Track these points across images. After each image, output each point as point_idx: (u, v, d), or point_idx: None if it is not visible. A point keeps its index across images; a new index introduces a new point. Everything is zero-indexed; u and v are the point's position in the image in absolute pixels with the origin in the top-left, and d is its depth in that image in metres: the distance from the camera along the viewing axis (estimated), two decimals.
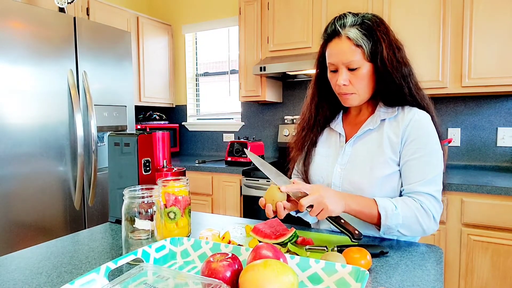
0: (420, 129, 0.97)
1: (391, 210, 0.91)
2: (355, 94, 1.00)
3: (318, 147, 1.13)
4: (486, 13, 1.99)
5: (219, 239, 0.91)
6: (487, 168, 2.32)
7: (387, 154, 0.99)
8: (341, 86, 0.98)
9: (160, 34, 3.28)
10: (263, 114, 3.14)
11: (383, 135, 1.01)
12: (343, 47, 0.96)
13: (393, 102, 1.02)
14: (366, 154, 1.02)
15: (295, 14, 2.54)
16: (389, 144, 1.00)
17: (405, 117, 0.99)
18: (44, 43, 1.94)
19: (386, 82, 0.98)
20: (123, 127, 2.45)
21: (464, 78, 2.06)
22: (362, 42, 0.95)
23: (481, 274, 1.83)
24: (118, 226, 1.13)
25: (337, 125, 1.11)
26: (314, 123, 1.12)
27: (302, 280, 0.69)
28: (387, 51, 0.95)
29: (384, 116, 1.02)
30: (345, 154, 1.06)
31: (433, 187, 0.95)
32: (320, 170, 1.09)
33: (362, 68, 0.97)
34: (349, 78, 0.98)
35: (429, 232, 0.96)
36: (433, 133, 0.99)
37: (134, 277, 0.60)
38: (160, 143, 1.22)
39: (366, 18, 0.98)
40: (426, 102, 1.02)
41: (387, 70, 0.96)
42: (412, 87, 1.00)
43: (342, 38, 0.96)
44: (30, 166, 1.89)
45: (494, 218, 1.78)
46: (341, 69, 0.98)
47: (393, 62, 0.96)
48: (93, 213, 2.21)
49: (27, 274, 0.78)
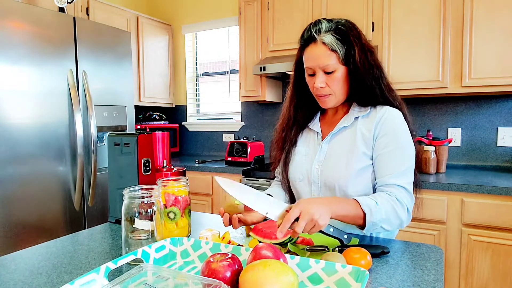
0: (391, 124, 1.03)
1: (374, 206, 0.94)
2: (332, 96, 1.06)
3: (298, 146, 1.18)
4: (486, 13, 1.99)
5: (219, 239, 0.91)
6: (488, 168, 2.32)
7: (361, 148, 1.04)
8: (318, 88, 1.04)
9: (160, 34, 3.28)
10: (263, 114, 3.14)
11: (356, 131, 1.07)
12: (319, 52, 1.01)
13: (366, 102, 1.08)
14: (341, 150, 1.07)
15: (295, 14, 2.54)
16: (362, 139, 1.05)
17: (377, 113, 1.06)
18: (44, 43, 1.94)
19: (359, 83, 1.04)
20: (123, 127, 2.44)
21: (464, 78, 2.06)
22: (336, 47, 1.00)
23: (482, 274, 1.83)
24: (118, 226, 1.13)
25: (314, 124, 1.17)
26: (293, 124, 1.18)
27: (302, 280, 0.69)
28: (359, 54, 1.01)
29: (358, 114, 1.08)
30: (322, 151, 1.11)
31: (404, 180, 1.00)
32: (300, 168, 1.14)
33: (337, 71, 1.02)
34: (325, 80, 1.03)
35: (406, 223, 1.00)
36: (405, 128, 1.04)
37: (134, 277, 0.60)
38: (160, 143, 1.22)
39: (339, 24, 1.03)
40: (398, 102, 1.08)
41: (359, 73, 1.02)
42: (384, 88, 1.06)
43: (318, 43, 1.01)
44: (29, 166, 1.89)
45: (494, 218, 1.78)
46: (318, 72, 1.03)
47: (365, 64, 1.02)
48: (93, 213, 2.21)
49: (27, 274, 0.78)
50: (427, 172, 2.17)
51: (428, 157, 2.16)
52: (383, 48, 2.25)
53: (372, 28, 2.28)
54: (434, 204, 1.90)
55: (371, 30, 2.28)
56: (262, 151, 2.87)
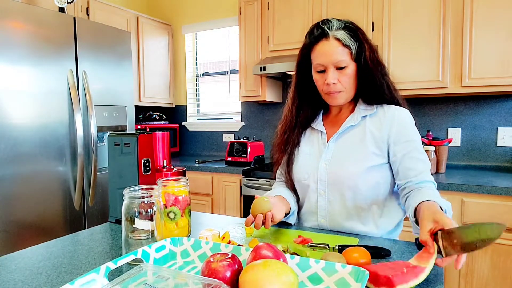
0: (409, 128, 1.05)
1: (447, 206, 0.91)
2: (343, 92, 1.06)
3: (301, 146, 1.18)
4: (486, 13, 1.99)
5: (219, 239, 0.91)
6: (487, 168, 2.32)
7: (370, 148, 1.05)
8: (330, 84, 1.04)
9: (160, 34, 3.28)
10: (263, 114, 3.14)
11: (365, 131, 1.07)
12: (332, 48, 1.02)
13: (373, 100, 1.09)
14: (349, 149, 1.08)
15: (295, 14, 2.54)
16: (372, 139, 1.06)
17: (386, 113, 1.07)
18: (44, 43, 1.94)
19: (368, 80, 1.05)
20: (123, 127, 2.44)
21: (464, 78, 2.06)
22: (349, 42, 1.02)
23: (481, 274, 1.83)
24: (118, 226, 1.13)
25: (318, 124, 1.17)
26: (295, 125, 1.18)
27: (302, 280, 0.69)
28: (369, 51, 1.03)
29: (365, 113, 1.09)
30: (329, 150, 1.11)
31: (430, 175, 1.04)
32: (305, 167, 1.14)
33: (349, 68, 1.03)
34: (337, 76, 1.04)
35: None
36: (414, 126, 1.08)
37: (134, 277, 0.60)
38: (160, 143, 1.22)
39: (348, 23, 1.05)
40: (401, 100, 1.11)
41: (369, 69, 1.04)
42: (390, 86, 1.08)
43: (330, 39, 1.02)
44: (30, 166, 1.89)
45: (494, 218, 1.78)
46: (329, 68, 1.03)
47: (374, 61, 1.04)
48: (93, 213, 2.21)
49: (27, 274, 0.78)
50: None
51: (428, 157, 2.16)
52: (383, 48, 2.25)
53: (372, 28, 2.28)
54: None
55: (371, 30, 2.28)
56: (262, 151, 2.87)
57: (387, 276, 0.65)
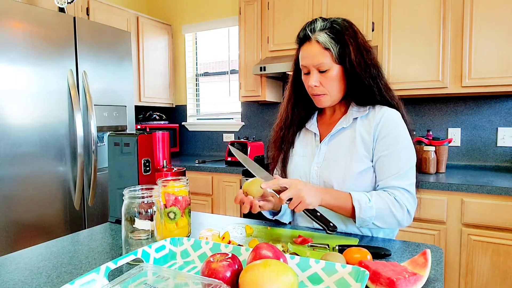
0: (391, 126, 1.03)
1: (365, 203, 0.95)
2: (327, 95, 1.06)
3: (295, 147, 1.18)
4: (486, 13, 1.99)
5: (219, 239, 0.91)
6: (487, 168, 2.32)
7: (360, 151, 1.04)
8: (312, 87, 1.04)
9: (160, 34, 3.28)
10: (263, 114, 3.14)
11: (355, 133, 1.06)
12: (313, 51, 1.02)
13: (364, 101, 1.07)
14: (340, 152, 1.07)
15: (295, 14, 2.54)
16: (362, 141, 1.05)
17: (376, 115, 1.05)
18: (44, 43, 1.94)
19: (356, 83, 1.03)
20: (123, 127, 2.44)
21: (464, 78, 2.06)
22: (330, 45, 1.01)
23: (481, 274, 1.83)
24: (118, 226, 1.13)
25: (312, 125, 1.17)
26: (290, 123, 1.18)
27: (302, 280, 0.69)
28: (354, 53, 1.01)
29: (357, 115, 1.08)
30: (320, 152, 1.11)
31: (405, 181, 1.00)
32: (298, 170, 1.14)
33: (332, 70, 1.02)
34: (319, 79, 1.03)
35: (404, 224, 1.00)
36: (404, 129, 1.04)
37: (134, 277, 0.60)
38: (160, 143, 1.22)
39: (335, 23, 1.03)
40: (395, 101, 1.08)
41: (355, 72, 1.02)
42: (382, 87, 1.06)
43: (312, 42, 1.02)
44: (30, 166, 1.89)
45: (494, 218, 1.78)
46: (312, 71, 1.04)
47: (361, 63, 1.02)
48: (93, 213, 2.21)
49: (27, 274, 0.78)
50: (427, 172, 2.17)
51: (428, 157, 2.16)
52: (383, 48, 2.25)
53: (372, 28, 2.28)
54: (434, 204, 1.90)
55: (371, 30, 2.28)
56: (262, 151, 2.87)
57: (390, 278, 0.65)
